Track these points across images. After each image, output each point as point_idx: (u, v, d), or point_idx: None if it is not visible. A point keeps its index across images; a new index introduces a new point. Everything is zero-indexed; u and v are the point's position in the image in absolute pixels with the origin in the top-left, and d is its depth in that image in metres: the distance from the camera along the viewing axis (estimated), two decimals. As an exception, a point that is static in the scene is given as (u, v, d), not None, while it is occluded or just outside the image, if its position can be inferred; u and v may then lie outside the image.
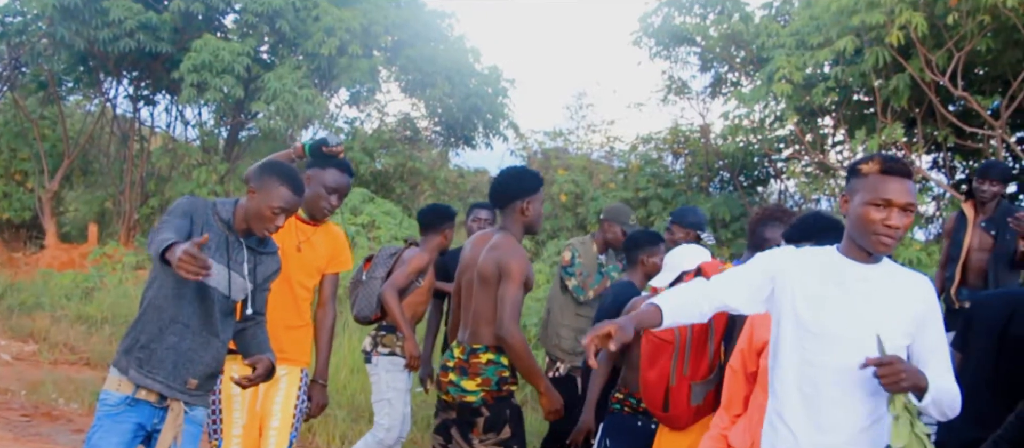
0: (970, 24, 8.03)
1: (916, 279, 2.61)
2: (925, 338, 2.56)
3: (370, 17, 11.95)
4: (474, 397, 3.72)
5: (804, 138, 10.34)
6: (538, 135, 14.35)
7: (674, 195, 11.56)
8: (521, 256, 3.70)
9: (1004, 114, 8.47)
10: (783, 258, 2.68)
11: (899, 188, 2.46)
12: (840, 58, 8.85)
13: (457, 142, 14.53)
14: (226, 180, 12.47)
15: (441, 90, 12.58)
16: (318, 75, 12.35)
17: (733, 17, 10.90)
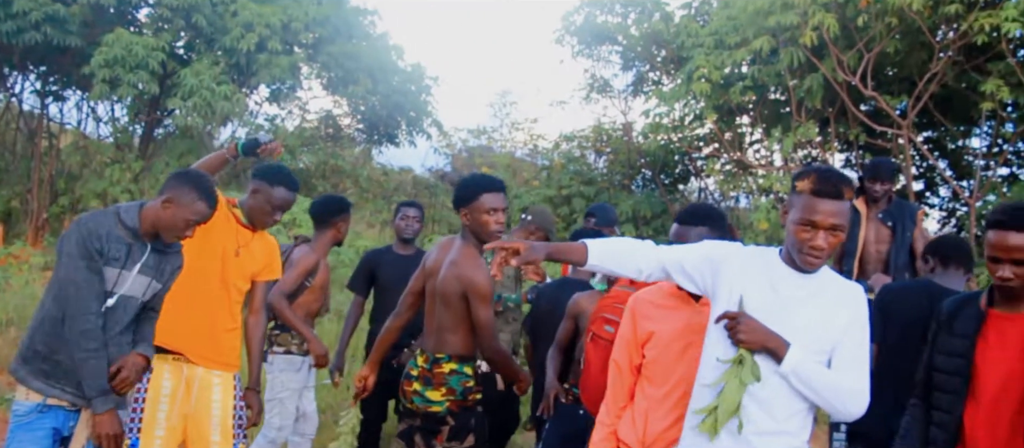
0: (879, 26, 8.31)
1: (849, 289, 2.68)
2: (847, 341, 2.62)
3: (290, 13, 11.75)
4: (439, 408, 3.71)
5: (723, 136, 10.55)
6: (462, 133, 14.36)
7: (597, 193, 11.67)
8: (483, 271, 3.66)
9: (911, 114, 8.77)
10: (729, 250, 2.75)
11: (827, 210, 2.51)
12: (757, 58, 9.07)
13: (380, 140, 14.39)
14: (141, 178, 12.11)
15: (363, 87, 12.43)
16: (237, 71, 12.08)
17: (654, 17, 11.06)
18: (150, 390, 3.63)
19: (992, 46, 7.89)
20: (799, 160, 10.67)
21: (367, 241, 10.67)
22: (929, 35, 8.25)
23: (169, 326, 3.60)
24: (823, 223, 2.52)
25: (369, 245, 10.25)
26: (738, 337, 2.54)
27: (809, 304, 2.60)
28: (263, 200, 3.84)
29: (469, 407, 3.75)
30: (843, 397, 2.58)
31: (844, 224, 2.54)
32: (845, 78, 8.70)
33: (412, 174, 15.46)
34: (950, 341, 2.92)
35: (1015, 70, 7.93)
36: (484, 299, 3.62)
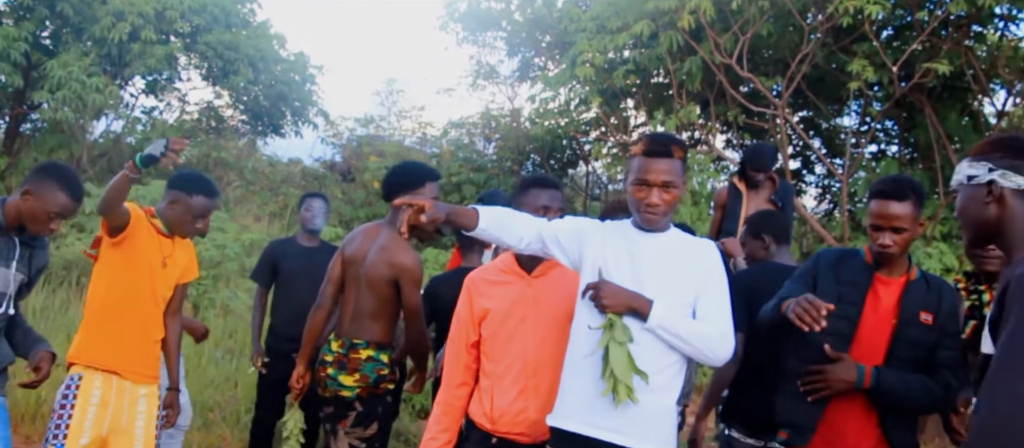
0: (752, 9, 8.54)
1: (701, 244, 2.85)
2: (707, 292, 2.78)
3: (164, 1, 11.30)
4: (350, 392, 3.74)
5: (608, 120, 10.70)
6: (349, 122, 14.11)
7: (487, 179, 11.68)
8: (414, 256, 3.75)
9: (785, 95, 9.07)
10: (589, 224, 2.90)
11: (658, 168, 2.68)
12: (638, 42, 9.20)
13: (265, 131, 14.03)
14: (7, 175, 11.48)
15: (244, 78, 12.06)
16: (109, 62, 11.56)
17: (537, 2, 11.10)
18: (80, 397, 3.56)
19: (857, 27, 8.21)
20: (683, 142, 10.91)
21: (254, 234, 10.38)
22: (799, 18, 8.53)
23: (104, 344, 3.62)
24: (656, 181, 2.68)
25: (256, 238, 9.99)
26: (603, 303, 2.65)
27: (662, 259, 2.75)
28: (182, 210, 3.79)
29: (379, 395, 3.78)
30: (710, 343, 2.72)
31: (676, 181, 2.70)
32: (722, 61, 8.92)
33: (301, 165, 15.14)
34: (840, 289, 3.06)
35: (878, 51, 8.28)
36: (416, 283, 3.71)
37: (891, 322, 3.03)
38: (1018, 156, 2.20)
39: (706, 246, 2.85)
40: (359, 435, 3.75)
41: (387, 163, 12.11)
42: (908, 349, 3.00)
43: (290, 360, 4.93)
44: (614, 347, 2.65)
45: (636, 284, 2.72)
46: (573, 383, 2.82)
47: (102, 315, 3.61)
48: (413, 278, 3.72)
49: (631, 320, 2.69)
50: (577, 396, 2.79)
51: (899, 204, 2.96)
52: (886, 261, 3.04)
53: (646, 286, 2.71)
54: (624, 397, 2.63)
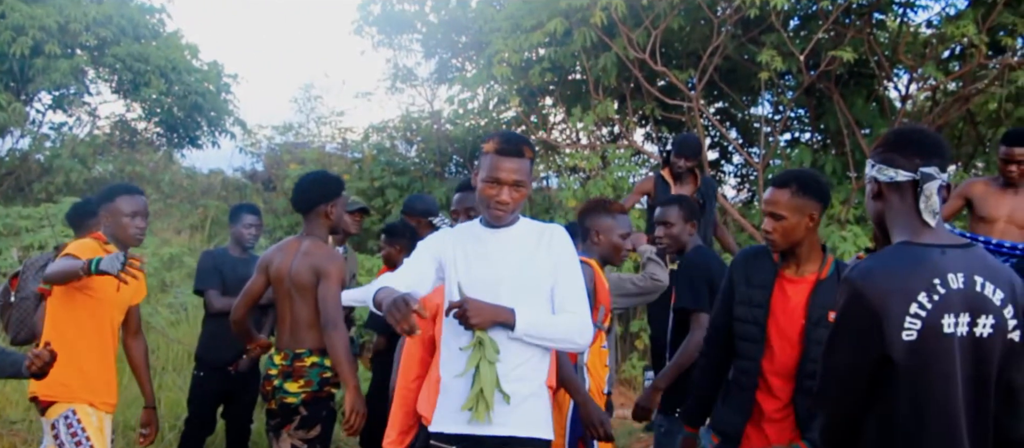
0: (663, 3, 8.64)
1: (549, 231, 2.93)
2: (562, 278, 2.89)
3: (67, 14, 10.96)
4: (295, 399, 3.86)
5: (528, 119, 10.72)
6: (267, 130, 13.87)
7: (410, 182, 11.60)
8: (336, 257, 3.87)
9: (699, 86, 9.20)
10: (441, 236, 2.99)
11: (509, 167, 2.77)
12: (553, 39, 9.22)
13: (181, 143, 13.71)
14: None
15: (156, 89, 11.78)
16: (11, 78, 11.18)
17: (451, 3, 11.07)
18: (89, 429, 3.74)
19: (765, 18, 8.37)
20: (603, 137, 11.00)
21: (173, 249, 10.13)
22: (708, 11, 8.66)
23: (78, 378, 3.72)
24: (507, 179, 2.77)
25: (176, 253, 9.77)
26: (470, 322, 2.69)
27: (515, 253, 2.85)
28: (114, 217, 3.87)
29: (323, 398, 3.92)
30: (573, 335, 2.85)
31: (525, 180, 2.80)
32: (636, 56, 9.01)
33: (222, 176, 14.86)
34: (749, 292, 3.15)
35: (786, 41, 8.46)
36: (333, 280, 3.80)
37: (800, 323, 3.05)
38: (892, 149, 2.29)
39: (556, 231, 2.93)
40: (302, 437, 3.88)
41: (308, 170, 11.94)
42: (819, 350, 2.84)
43: (224, 373, 5.19)
44: (484, 366, 2.72)
45: (494, 282, 2.81)
46: (449, 388, 2.90)
47: (71, 350, 3.65)
48: (330, 275, 3.80)
49: (496, 332, 2.76)
50: (453, 399, 2.86)
51: (778, 191, 3.07)
52: (787, 257, 3.11)
53: (503, 282, 2.81)
54: (483, 415, 2.71)
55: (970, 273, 2.16)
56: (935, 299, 2.11)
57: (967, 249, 2.22)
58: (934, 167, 2.22)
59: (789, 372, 3.06)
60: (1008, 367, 2.21)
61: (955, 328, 2.13)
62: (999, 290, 2.18)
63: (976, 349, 2.15)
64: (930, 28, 9.36)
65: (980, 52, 8.11)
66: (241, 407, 5.36)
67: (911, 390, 2.12)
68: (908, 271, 2.13)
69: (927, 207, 2.21)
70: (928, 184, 2.21)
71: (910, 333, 2.10)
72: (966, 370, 2.14)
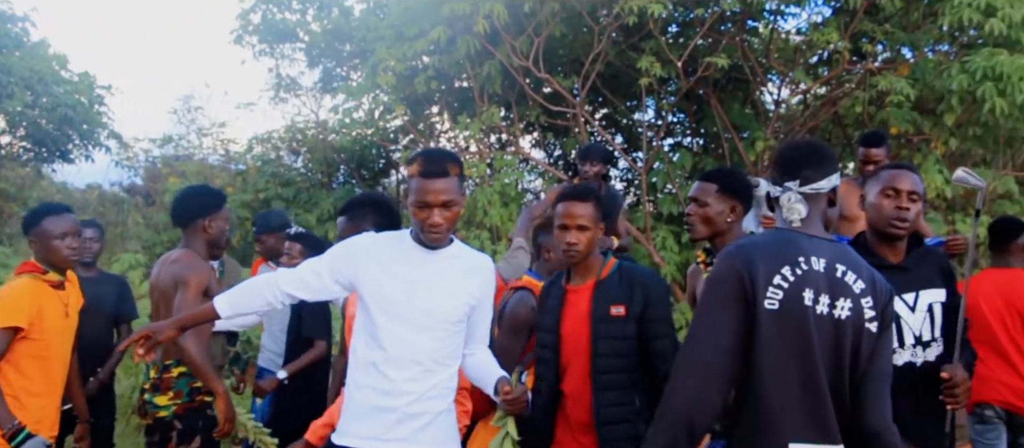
0: (544, 11, 8.74)
1: (478, 260, 2.96)
2: (480, 310, 2.97)
3: (-80, 24, 10.36)
4: (167, 412, 3.80)
5: (414, 128, 10.68)
6: (145, 143, 13.39)
7: (296, 193, 11.41)
8: (199, 267, 3.81)
9: (582, 93, 9.34)
10: (361, 242, 2.94)
11: (437, 188, 2.74)
12: (437, 47, 9.22)
13: (50, 157, 13.10)
14: None
15: (21, 101, 11.22)
16: None
17: (333, 12, 10.93)
18: None
19: (644, 26, 8.57)
20: (491, 145, 11.04)
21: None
22: (589, 18, 8.80)
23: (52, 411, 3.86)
24: (436, 201, 2.73)
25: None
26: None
27: (442, 277, 2.85)
28: (43, 240, 3.82)
29: (196, 408, 3.85)
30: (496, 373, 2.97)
31: (455, 198, 2.77)
32: (520, 63, 9.08)
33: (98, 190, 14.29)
34: (544, 318, 3.36)
35: (664, 48, 8.68)
36: (191, 289, 3.75)
37: (587, 325, 3.24)
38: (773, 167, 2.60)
39: (483, 262, 2.98)
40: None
41: (189, 183, 11.59)
42: (608, 345, 3.19)
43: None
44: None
45: (415, 299, 2.82)
46: (355, 396, 2.86)
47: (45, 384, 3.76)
48: (188, 284, 3.74)
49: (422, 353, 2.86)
50: (360, 410, 2.83)
51: (581, 204, 3.25)
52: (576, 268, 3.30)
53: (425, 301, 2.83)
54: None
55: (833, 260, 2.39)
56: (798, 273, 2.34)
57: (834, 243, 2.46)
58: (794, 181, 2.48)
59: (585, 374, 3.22)
60: (864, 354, 2.40)
61: (814, 304, 2.33)
62: (860, 280, 2.39)
63: (835, 328, 2.36)
64: (799, 35, 9.75)
65: (844, 58, 8.50)
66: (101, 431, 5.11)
67: (770, 354, 2.33)
68: (776, 248, 2.39)
69: (787, 212, 2.47)
70: (783, 195, 2.49)
71: (772, 302, 2.32)
72: (825, 346, 2.34)
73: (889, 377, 2.46)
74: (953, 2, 7.52)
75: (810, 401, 2.33)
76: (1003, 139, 8.90)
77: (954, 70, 7.71)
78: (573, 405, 3.26)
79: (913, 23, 8.69)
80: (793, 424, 2.31)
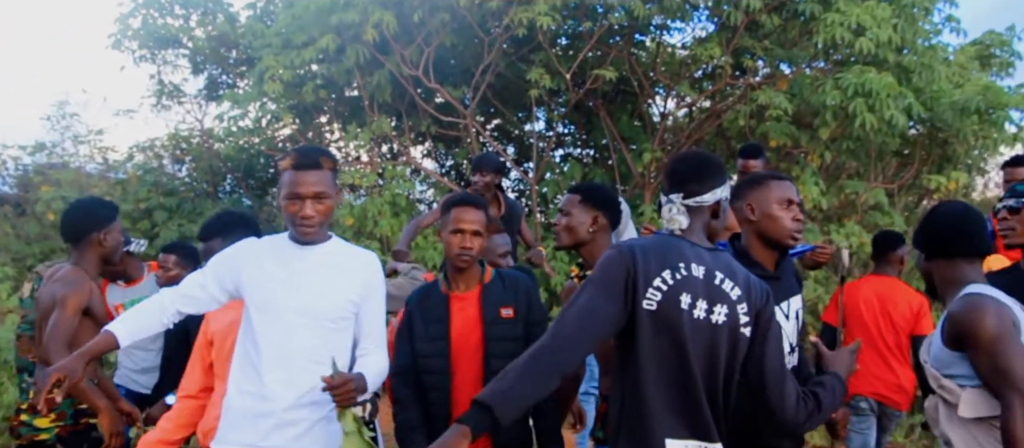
0: (434, 22, 8.72)
1: (360, 255, 2.91)
2: (367, 309, 2.90)
3: None
4: (48, 434, 3.67)
5: (303, 137, 10.50)
6: (14, 150, 12.68)
7: (179, 203, 11.04)
8: (80, 286, 3.65)
9: (472, 104, 9.34)
10: (240, 249, 2.92)
11: (309, 180, 2.71)
12: (325, 56, 9.08)
13: (-91, 165, 12.32)
14: None
15: None
16: None
17: (218, 18, 10.65)
18: None
19: (533, 38, 8.64)
20: (382, 155, 10.93)
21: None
22: (479, 29, 8.82)
23: None
24: (308, 193, 2.71)
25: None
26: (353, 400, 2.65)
27: (318, 273, 2.81)
28: None
29: (81, 431, 3.72)
30: (383, 374, 2.93)
31: (328, 191, 2.75)
32: (410, 72, 9.03)
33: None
34: (427, 328, 3.32)
35: (553, 60, 8.77)
36: (66, 307, 3.59)
37: (479, 328, 3.30)
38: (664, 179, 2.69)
39: (366, 257, 2.92)
40: None
41: (63, 192, 11.04)
42: (500, 346, 3.26)
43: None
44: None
45: (292, 295, 2.77)
46: (234, 403, 2.83)
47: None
48: (64, 302, 3.58)
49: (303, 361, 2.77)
50: (237, 416, 2.81)
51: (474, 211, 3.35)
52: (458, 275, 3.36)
53: (307, 303, 2.77)
54: None
55: (711, 268, 2.50)
56: (677, 278, 2.44)
57: (714, 251, 2.57)
58: (679, 194, 2.59)
59: (478, 378, 3.26)
60: (739, 358, 2.52)
61: (691, 308, 2.43)
62: (737, 288, 2.51)
63: (711, 333, 2.46)
64: (684, 50, 10.00)
65: (726, 73, 8.77)
66: None
67: (650, 354, 2.42)
68: (660, 251, 2.48)
69: (668, 223, 2.59)
70: (664, 207, 2.61)
71: (651, 303, 2.42)
72: (700, 349, 2.44)
73: (784, 371, 2.60)
74: (826, 21, 7.85)
75: (686, 401, 2.43)
76: (874, 153, 9.34)
77: (828, 86, 8.04)
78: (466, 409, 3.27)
79: (790, 40, 9.03)
80: (670, 422, 2.42)
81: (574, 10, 8.86)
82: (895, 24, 7.97)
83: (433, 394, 3.28)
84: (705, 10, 9.13)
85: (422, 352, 3.31)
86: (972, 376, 2.63)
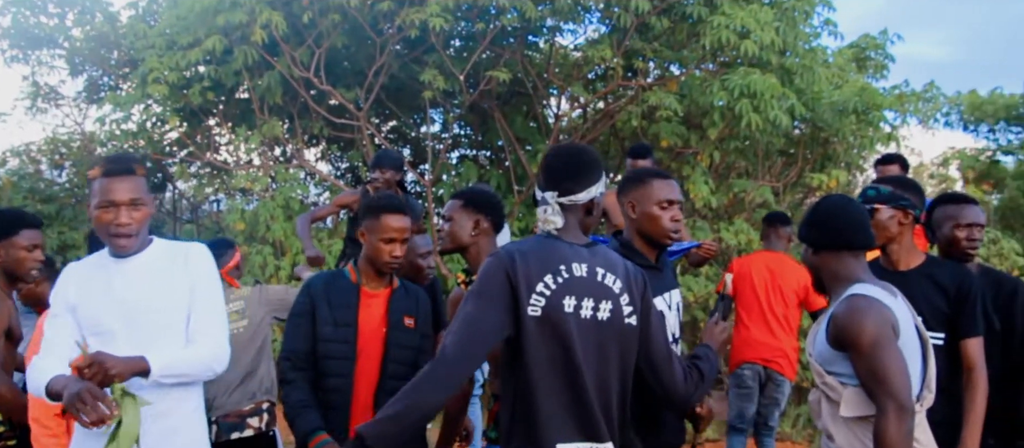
0: (325, 23, 8.57)
1: (184, 251, 2.83)
2: (199, 301, 2.80)
3: None
4: None
5: (189, 140, 10.19)
6: None
7: (59, 210, 10.58)
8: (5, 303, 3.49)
9: (365, 106, 9.22)
10: (65, 272, 2.84)
11: (123, 187, 2.66)
12: (212, 57, 8.82)
13: None
14: None
15: None
16: None
17: (96, 17, 10.23)
18: None
19: (426, 39, 8.58)
20: (275, 158, 10.69)
21: None
22: (371, 30, 8.72)
23: None
24: (122, 199, 2.66)
25: None
26: (110, 375, 2.51)
27: (144, 284, 2.73)
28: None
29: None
30: (208, 364, 2.79)
31: (143, 198, 2.72)
32: (301, 74, 8.85)
33: None
34: (333, 313, 3.30)
35: (446, 61, 8.73)
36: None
37: (383, 332, 3.33)
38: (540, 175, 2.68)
39: (193, 250, 2.84)
40: None
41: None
42: (400, 353, 3.32)
43: None
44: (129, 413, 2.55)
45: (124, 316, 2.69)
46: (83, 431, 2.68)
47: None
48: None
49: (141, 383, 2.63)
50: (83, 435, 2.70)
51: (401, 218, 3.36)
52: (376, 273, 3.36)
53: (133, 321, 2.68)
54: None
55: (593, 265, 2.53)
56: (559, 281, 2.46)
57: (591, 246, 2.59)
58: (554, 192, 2.59)
59: (374, 379, 3.28)
60: (630, 348, 2.58)
61: (577, 309, 2.47)
62: (618, 280, 2.55)
63: (598, 331, 2.50)
64: (577, 51, 10.10)
65: (618, 74, 8.89)
66: None
67: (538, 360, 2.44)
68: (540, 255, 2.50)
69: (543, 224, 2.58)
70: (539, 206, 2.61)
71: (535, 309, 2.44)
72: (589, 347, 2.48)
73: (670, 349, 2.69)
74: (713, 24, 8.04)
75: (575, 404, 2.46)
76: (761, 152, 9.63)
77: (715, 87, 8.25)
78: (357, 407, 3.27)
79: (679, 42, 9.22)
80: (560, 426, 2.44)
81: (467, 12, 8.84)
82: (777, 27, 8.23)
83: (334, 380, 3.26)
84: (596, 12, 9.24)
85: (327, 336, 3.27)
86: (854, 375, 2.70)
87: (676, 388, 2.67)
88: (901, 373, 2.58)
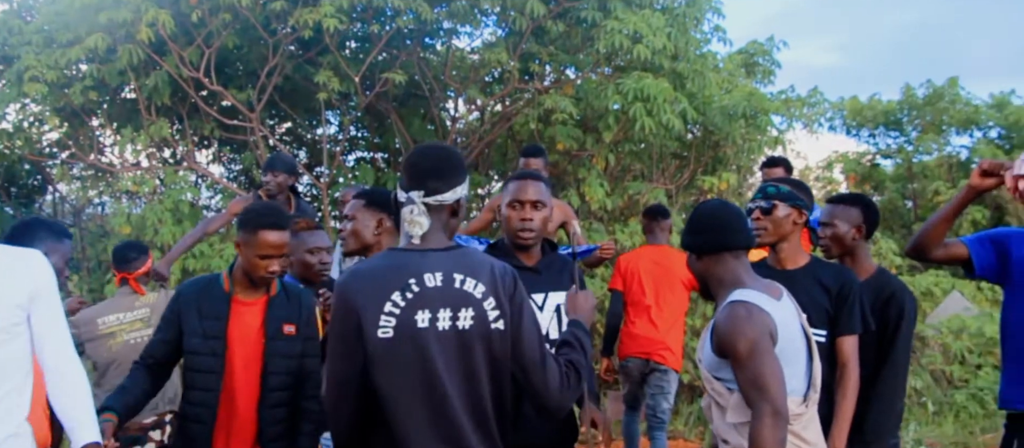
0: (215, 22, 8.34)
1: (22, 256, 2.66)
2: (38, 311, 2.64)
3: None
4: None
5: (69, 141, 9.78)
6: None
7: (-70, 215, 9.98)
8: None
9: (258, 107, 9.01)
10: None
11: None
12: (95, 56, 8.47)
13: None
14: None
15: None
16: None
17: (-35, 11, 9.70)
18: None
19: (321, 39, 8.44)
20: (165, 160, 10.34)
21: None
22: (263, 30, 8.53)
23: None
24: None
25: None
26: None
27: None
28: None
29: None
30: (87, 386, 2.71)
31: None
32: (190, 74, 8.59)
33: None
34: (202, 323, 3.23)
35: (341, 62, 8.61)
36: None
37: (260, 342, 3.26)
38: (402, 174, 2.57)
39: (28, 258, 2.66)
40: None
41: None
42: (280, 363, 3.25)
43: None
44: None
45: None
46: None
47: None
48: None
49: None
50: None
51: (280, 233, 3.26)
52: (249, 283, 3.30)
53: None
54: None
55: (449, 271, 2.40)
56: (409, 297, 2.34)
57: (451, 251, 2.46)
58: (419, 192, 2.45)
59: (253, 391, 3.22)
60: (499, 354, 2.44)
61: (433, 322, 2.35)
62: (480, 284, 2.42)
63: (460, 340, 2.37)
64: (474, 54, 10.11)
65: (514, 77, 8.93)
66: None
67: (393, 383, 2.32)
68: (385, 273, 2.37)
69: (408, 227, 2.44)
70: (404, 207, 2.47)
71: (386, 331, 2.32)
72: (451, 360, 2.36)
73: (544, 350, 2.53)
74: (607, 28, 8.16)
75: (440, 420, 2.34)
76: (655, 155, 9.83)
77: (610, 91, 8.38)
78: (237, 422, 3.21)
79: (575, 46, 9.32)
80: (427, 443, 2.33)
81: (362, 13, 8.74)
82: (669, 32, 8.41)
83: (199, 394, 3.20)
84: (493, 16, 9.26)
85: (193, 348, 3.22)
86: None
87: (549, 391, 2.50)
88: (777, 380, 2.59)
